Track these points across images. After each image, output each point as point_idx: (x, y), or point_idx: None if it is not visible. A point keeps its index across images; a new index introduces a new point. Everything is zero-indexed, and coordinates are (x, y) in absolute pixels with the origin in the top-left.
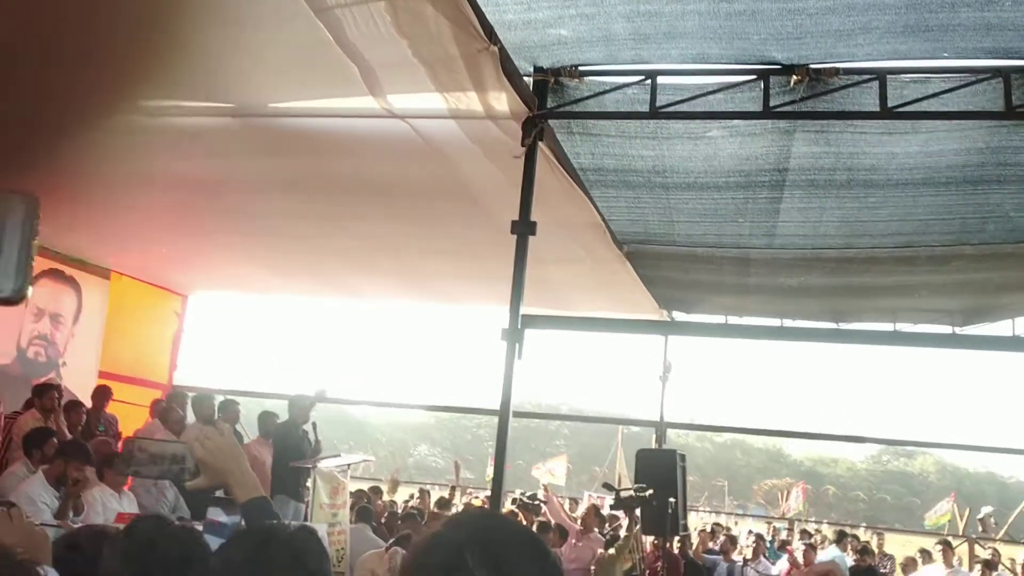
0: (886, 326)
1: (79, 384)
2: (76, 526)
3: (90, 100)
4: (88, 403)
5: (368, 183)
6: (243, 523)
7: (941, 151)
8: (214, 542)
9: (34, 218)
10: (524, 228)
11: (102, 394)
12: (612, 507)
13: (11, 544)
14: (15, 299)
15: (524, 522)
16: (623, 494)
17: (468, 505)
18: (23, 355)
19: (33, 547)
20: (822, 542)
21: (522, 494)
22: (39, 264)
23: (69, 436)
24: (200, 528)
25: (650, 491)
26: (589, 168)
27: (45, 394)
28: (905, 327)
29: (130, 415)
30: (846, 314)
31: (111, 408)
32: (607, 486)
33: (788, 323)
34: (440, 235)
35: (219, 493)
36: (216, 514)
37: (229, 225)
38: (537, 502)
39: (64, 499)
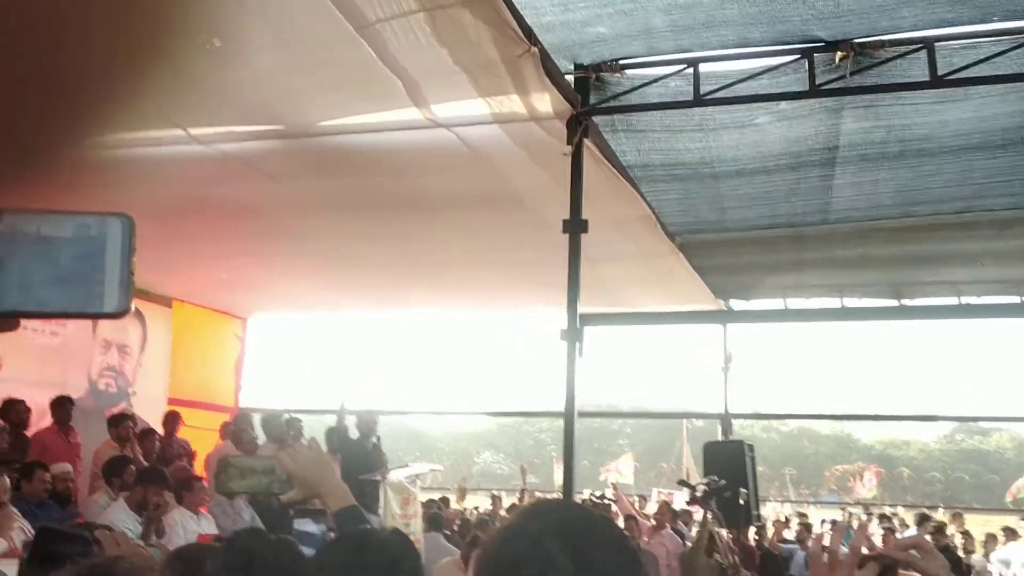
0: (950, 300)
1: (149, 412)
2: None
3: (139, 129)
4: (159, 430)
5: (417, 197)
6: (333, 533)
7: (995, 115)
8: (306, 553)
9: (131, 236)
10: (576, 226)
11: (173, 420)
12: (688, 503)
13: None
14: (119, 314)
15: None
16: (698, 489)
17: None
18: (95, 387)
19: (144, 569)
20: (900, 526)
21: (591, 494)
22: None
23: (145, 463)
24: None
25: (723, 482)
26: (636, 164)
27: (120, 424)
28: (969, 299)
29: (199, 439)
30: (907, 288)
31: (181, 433)
32: (682, 483)
33: (849, 303)
34: (490, 243)
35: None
36: (304, 524)
37: (283, 247)
38: (606, 501)
39: (146, 524)
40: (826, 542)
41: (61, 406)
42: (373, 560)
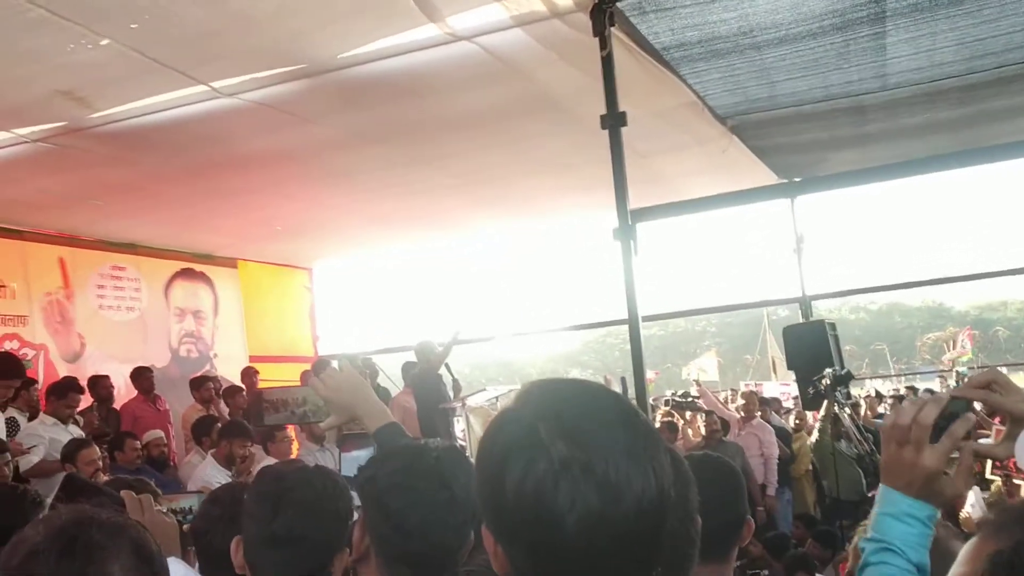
0: None
1: (234, 373)
2: None
3: (162, 92)
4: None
5: (452, 116)
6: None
7: None
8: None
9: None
10: (614, 120)
11: (247, 374)
12: (812, 398)
13: None
14: None
15: (680, 421)
16: (820, 384)
17: None
18: (177, 355)
19: (163, 535)
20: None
21: (672, 394)
22: (170, 266)
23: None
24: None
25: (845, 371)
26: (671, 46)
27: (202, 386)
28: None
29: None
30: (983, 143)
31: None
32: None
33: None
34: (535, 152)
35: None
36: (354, 454)
37: (331, 188)
38: (690, 399)
39: (236, 476)
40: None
41: (141, 375)
42: (422, 478)
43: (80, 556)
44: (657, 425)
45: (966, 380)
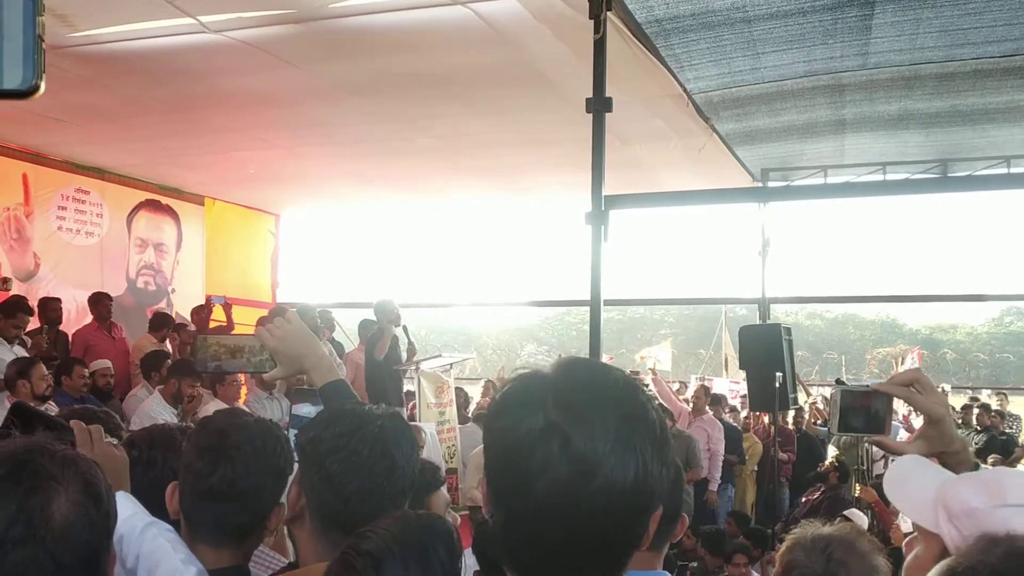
0: (1000, 170)
1: (188, 309)
2: None
3: (148, 19)
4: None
5: (439, 78)
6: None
7: None
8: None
9: None
10: (600, 105)
11: (198, 312)
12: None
13: None
14: (27, 92)
15: None
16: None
17: None
18: (133, 286)
19: (111, 470)
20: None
21: None
22: (136, 196)
23: (179, 357)
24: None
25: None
26: (665, 18)
27: (162, 327)
28: (1020, 166)
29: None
30: (953, 163)
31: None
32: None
33: (891, 176)
34: (518, 125)
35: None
36: (301, 409)
37: (309, 137)
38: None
39: (182, 416)
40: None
41: (99, 302)
42: (365, 445)
43: (25, 483)
44: None
45: (890, 376)
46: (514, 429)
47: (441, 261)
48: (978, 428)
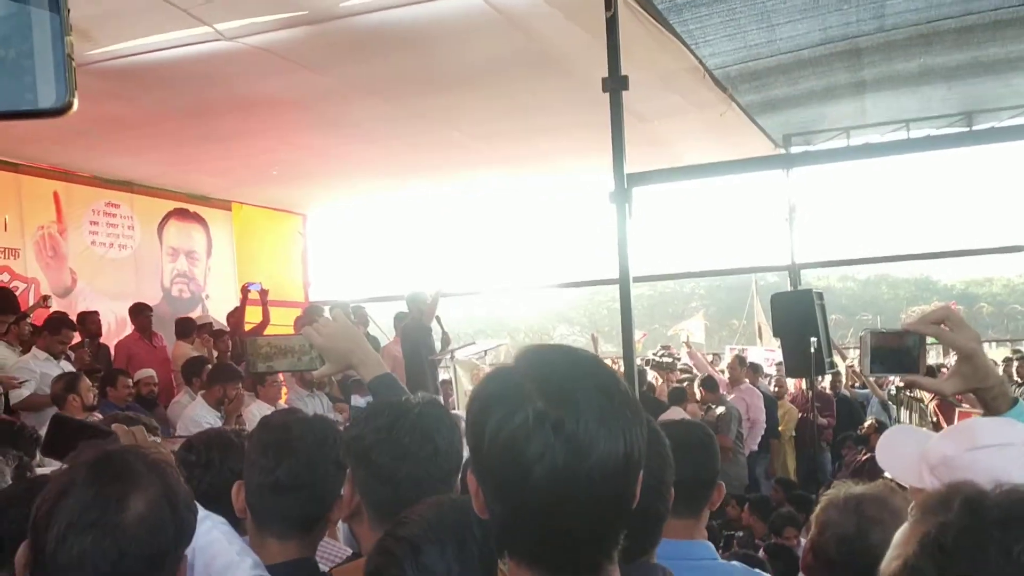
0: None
1: (225, 313)
2: None
3: (165, 30)
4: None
5: (455, 71)
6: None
7: None
8: None
9: (62, 10)
10: (616, 84)
11: (233, 314)
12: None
13: None
14: (60, 111)
15: (659, 380)
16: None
17: None
18: (168, 294)
19: None
20: None
21: (653, 354)
22: (165, 206)
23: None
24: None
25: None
26: None
27: (192, 332)
28: None
29: (276, 333)
30: (977, 115)
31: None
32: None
33: (915, 134)
34: (537, 112)
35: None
36: (357, 401)
37: (331, 137)
38: (670, 359)
39: (225, 418)
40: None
41: (140, 312)
42: (407, 434)
43: (109, 474)
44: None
45: (922, 316)
46: (506, 424)
47: (469, 249)
48: (1019, 381)
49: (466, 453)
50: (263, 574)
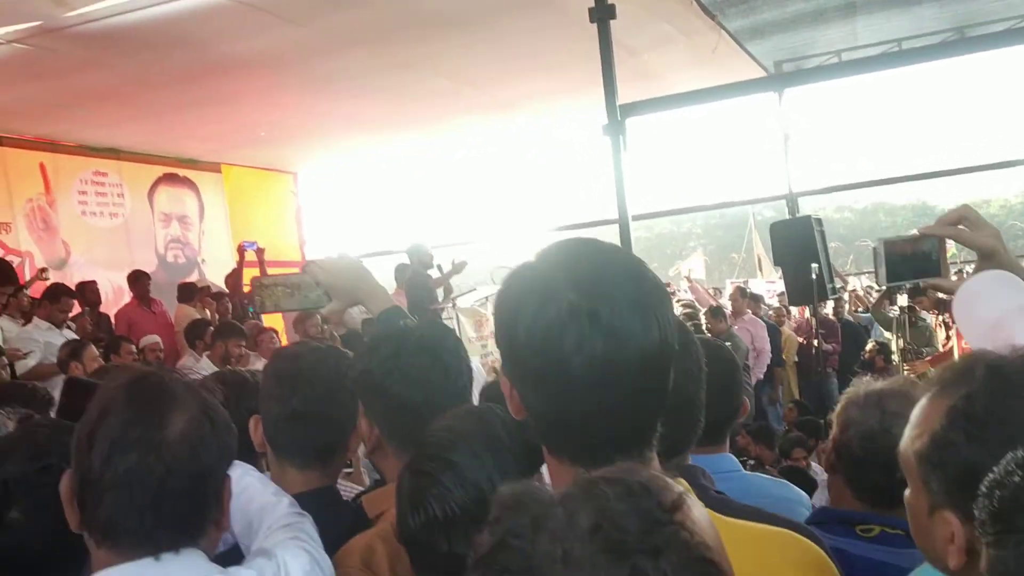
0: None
1: (221, 277)
2: None
3: None
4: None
5: (438, 15)
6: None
7: None
8: None
9: None
10: (603, 13)
11: (231, 276)
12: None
13: None
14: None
15: None
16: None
17: None
18: (163, 261)
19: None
20: None
21: None
22: (153, 172)
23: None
24: None
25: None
26: None
27: (193, 297)
28: None
29: None
30: (969, 22)
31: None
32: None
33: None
34: (524, 50)
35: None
36: None
37: (317, 93)
38: (676, 295)
39: None
40: None
41: (138, 280)
42: (414, 357)
43: (148, 393)
44: None
45: (938, 218)
46: (540, 319)
47: (464, 199)
48: None
49: (475, 367)
50: (300, 512)
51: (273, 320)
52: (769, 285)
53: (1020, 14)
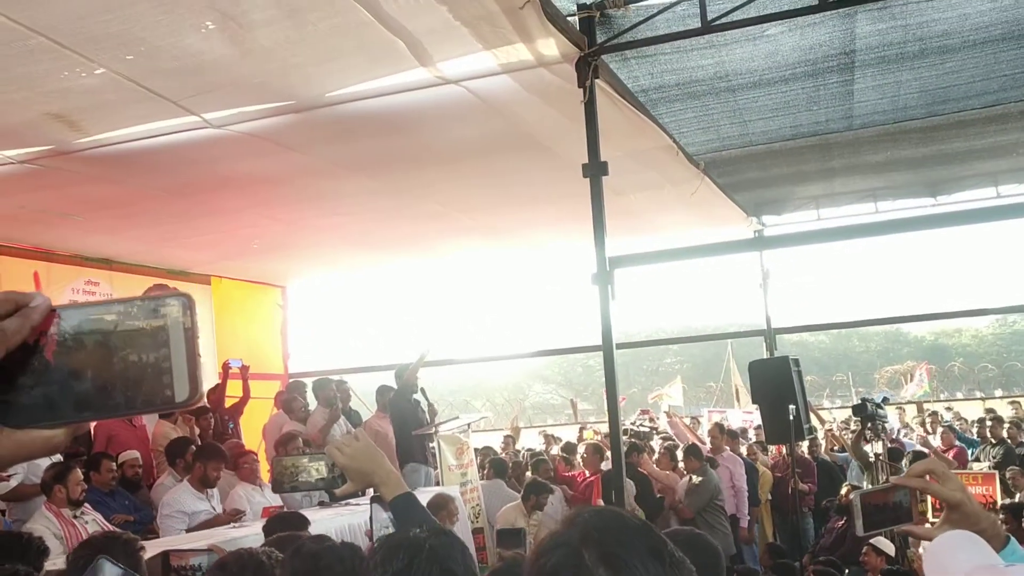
0: (988, 192)
1: (205, 391)
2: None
3: (154, 120)
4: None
5: (437, 151)
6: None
7: (1016, 2)
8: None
9: (193, 316)
10: (596, 170)
11: (213, 391)
12: None
13: None
14: (190, 403)
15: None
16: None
17: (590, 454)
18: None
19: None
20: (955, 419)
21: (631, 424)
22: (144, 282)
23: (200, 442)
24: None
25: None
26: (650, 88)
27: (170, 415)
28: (1008, 189)
29: (255, 408)
30: (943, 183)
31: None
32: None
33: (883, 206)
34: (517, 186)
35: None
36: (379, 513)
37: (311, 211)
38: (646, 428)
39: (210, 499)
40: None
41: None
42: (425, 571)
43: None
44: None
45: (907, 470)
46: None
47: (450, 318)
48: (993, 441)
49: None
50: None
51: (252, 442)
52: (746, 416)
53: (988, 172)
